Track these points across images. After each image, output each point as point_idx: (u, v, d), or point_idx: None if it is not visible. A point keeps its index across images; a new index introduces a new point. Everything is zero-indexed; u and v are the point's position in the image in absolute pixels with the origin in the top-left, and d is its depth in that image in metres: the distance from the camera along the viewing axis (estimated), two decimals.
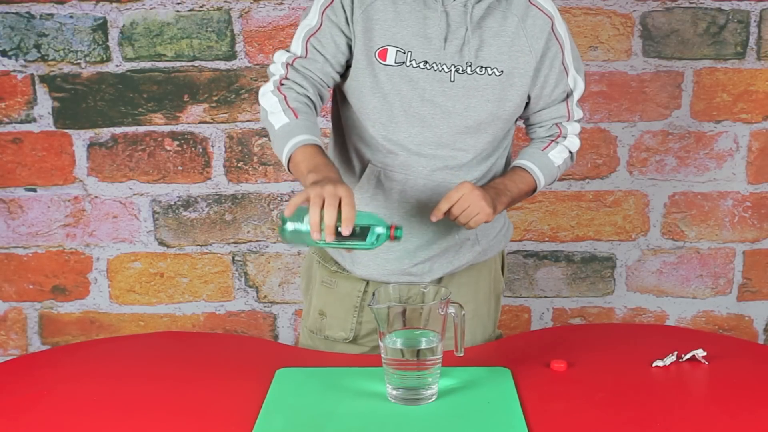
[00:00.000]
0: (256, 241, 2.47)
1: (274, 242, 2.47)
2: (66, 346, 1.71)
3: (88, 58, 2.36)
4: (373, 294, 1.33)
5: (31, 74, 2.37)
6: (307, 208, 1.30)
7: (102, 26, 2.34)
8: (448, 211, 1.48)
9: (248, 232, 2.46)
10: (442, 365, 1.33)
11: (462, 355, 1.37)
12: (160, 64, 2.37)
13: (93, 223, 2.46)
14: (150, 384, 1.41)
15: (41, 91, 2.38)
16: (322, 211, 1.28)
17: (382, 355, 1.32)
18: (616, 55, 2.36)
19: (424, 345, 1.30)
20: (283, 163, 1.47)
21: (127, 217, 2.46)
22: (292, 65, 1.55)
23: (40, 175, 2.43)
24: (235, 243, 2.47)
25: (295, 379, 1.41)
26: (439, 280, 1.64)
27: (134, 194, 2.44)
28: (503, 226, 1.73)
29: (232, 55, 2.36)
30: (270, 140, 1.55)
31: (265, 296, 2.51)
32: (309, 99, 1.54)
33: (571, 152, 1.67)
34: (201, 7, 2.34)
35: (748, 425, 1.27)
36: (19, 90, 2.38)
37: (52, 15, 2.34)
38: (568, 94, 1.63)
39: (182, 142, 2.41)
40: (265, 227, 2.46)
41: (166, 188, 2.44)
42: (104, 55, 2.36)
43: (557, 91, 1.61)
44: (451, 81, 1.51)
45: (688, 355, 1.47)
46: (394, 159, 1.56)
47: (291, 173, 1.47)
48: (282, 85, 1.54)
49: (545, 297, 2.52)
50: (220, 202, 2.45)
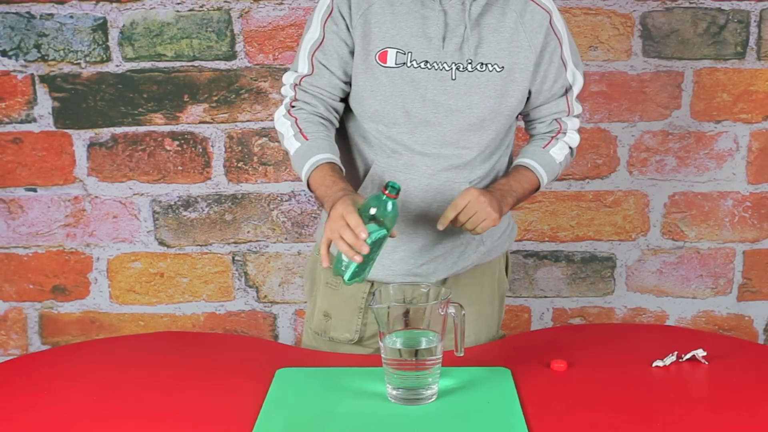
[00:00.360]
0: (256, 241, 2.47)
1: (274, 242, 2.47)
2: (66, 346, 1.71)
3: (88, 58, 2.36)
4: (373, 294, 1.33)
5: (32, 74, 2.37)
6: (336, 249, 1.40)
7: (102, 26, 2.34)
8: (454, 219, 1.48)
9: (248, 232, 2.46)
10: (442, 365, 1.33)
11: (462, 355, 1.38)
12: (160, 64, 2.37)
13: (93, 223, 2.46)
14: (150, 384, 1.41)
15: (41, 91, 2.38)
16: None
17: (382, 355, 1.32)
18: (616, 55, 2.36)
19: (424, 345, 1.31)
20: (308, 191, 1.56)
21: (127, 217, 2.46)
22: (299, 85, 1.59)
23: (41, 175, 2.43)
24: (235, 243, 2.47)
25: (295, 379, 1.41)
26: (444, 281, 1.64)
27: (134, 194, 2.44)
28: (507, 226, 1.72)
29: (232, 55, 2.36)
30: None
31: (265, 296, 2.51)
32: (320, 116, 1.58)
33: (571, 148, 1.67)
34: (201, 7, 2.34)
35: (748, 425, 1.27)
36: (19, 90, 2.38)
37: (52, 15, 2.34)
38: (567, 89, 1.63)
39: (182, 142, 2.41)
40: (265, 227, 2.46)
41: (166, 188, 2.44)
42: (104, 55, 2.36)
43: (557, 86, 1.61)
44: (453, 79, 1.52)
45: (688, 355, 1.47)
46: (397, 159, 1.56)
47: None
48: (292, 107, 1.59)
49: (545, 297, 2.52)
50: (220, 202, 2.45)
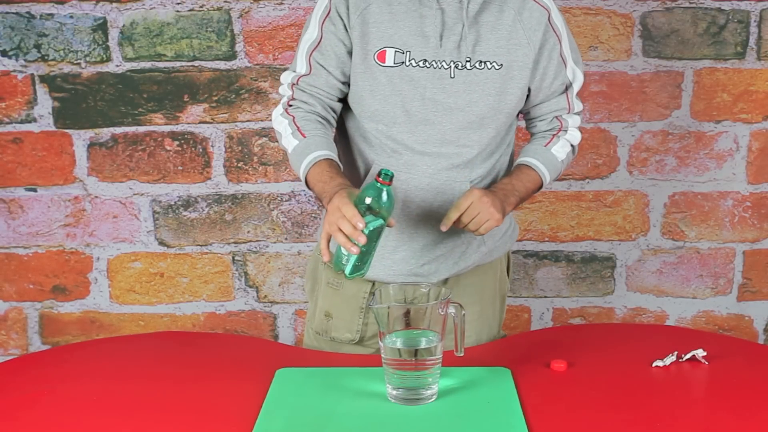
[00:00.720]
0: (256, 241, 2.47)
1: (274, 242, 2.47)
2: (66, 346, 1.71)
3: (88, 58, 2.36)
4: (373, 294, 1.33)
5: (32, 74, 2.37)
6: (335, 243, 1.39)
7: (102, 26, 2.34)
8: (457, 219, 1.48)
9: (248, 232, 2.46)
10: (442, 365, 1.33)
11: (462, 355, 1.38)
12: (160, 64, 2.37)
13: (93, 223, 2.46)
14: (150, 384, 1.41)
15: (41, 91, 2.38)
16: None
17: (382, 355, 1.32)
18: (616, 55, 2.36)
19: (423, 345, 1.31)
20: (307, 188, 1.56)
21: (127, 217, 2.46)
22: (297, 85, 1.59)
23: (41, 175, 2.43)
24: (235, 243, 2.47)
25: (295, 379, 1.41)
26: (445, 281, 1.64)
27: (134, 194, 2.44)
28: (509, 227, 1.72)
29: (232, 55, 2.36)
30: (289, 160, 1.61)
31: (265, 296, 2.51)
32: (317, 115, 1.58)
33: (572, 145, 1.67)
34: (201, 7, 2.34)
35: (748, 425, 1.27)
36: (20, 90, 2.38)
37: (52, 15, 2.34)
38: (568, 86, 1.63)
39: (182, 142, 2.41)
40: (265, 227, 2.46)
41: (166, 188, 2.44)
42: (104, 55, 2.36)
43: (556, 83, 1.61)
44: (451, 77, 1.52)
45: (688, 355, 1.47)
46: (398, 159, 1.56)
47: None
48: (290, 106, 1.60)
49: (545, 297, 2.52)
50: (220, 202, 2.45)
